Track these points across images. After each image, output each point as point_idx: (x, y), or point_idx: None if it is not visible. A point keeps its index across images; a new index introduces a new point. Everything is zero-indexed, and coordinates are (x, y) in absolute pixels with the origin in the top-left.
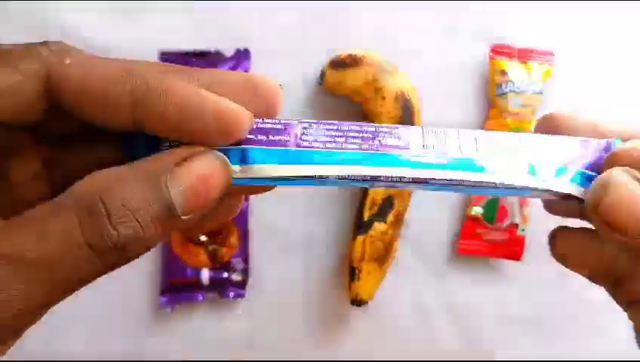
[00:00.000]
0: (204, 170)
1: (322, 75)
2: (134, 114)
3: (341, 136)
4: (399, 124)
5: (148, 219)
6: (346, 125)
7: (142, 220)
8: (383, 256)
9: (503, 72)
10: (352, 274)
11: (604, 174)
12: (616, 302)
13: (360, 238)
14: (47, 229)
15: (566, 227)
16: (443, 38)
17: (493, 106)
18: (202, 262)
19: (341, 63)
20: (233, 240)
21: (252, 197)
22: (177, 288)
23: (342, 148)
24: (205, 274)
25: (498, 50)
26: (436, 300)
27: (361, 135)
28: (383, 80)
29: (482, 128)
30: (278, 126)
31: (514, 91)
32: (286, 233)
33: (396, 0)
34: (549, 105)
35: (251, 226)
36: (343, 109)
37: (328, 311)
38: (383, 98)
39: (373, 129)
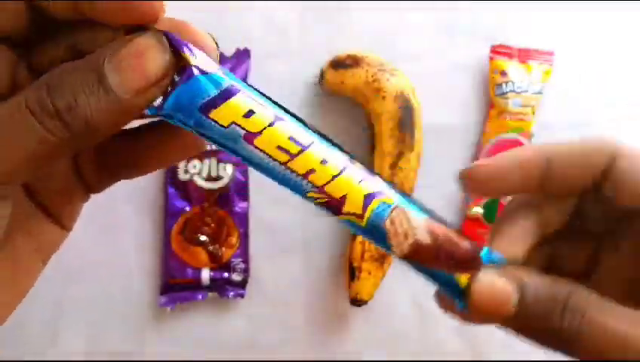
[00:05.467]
0: (138, 47)
1: (322, 75)
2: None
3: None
4: (399, 124)
5: (82, 93)
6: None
7: (77, 93)
8: (383, 256)
9: (503, 72)
10: (352, 274)
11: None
12: None
13: (360, 238)
14: (9, 100)
15: None
16: (443, 38)
17: (493, 106)
18: (202, 262)
19: (341, 63)
20: (233, 240)
21: (252, 197)
22: (177, 288)
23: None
24: (205, 274)
25: (498, 50)
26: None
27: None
28: (383, 80)
29: (482, 128)
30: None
31: (514, 91)
32: (286, 233)
33: (396, 0)
34: (549, 105)
35: (251, 226)
36: (343, 109)
37: (328, 311)
38: (383, 98)
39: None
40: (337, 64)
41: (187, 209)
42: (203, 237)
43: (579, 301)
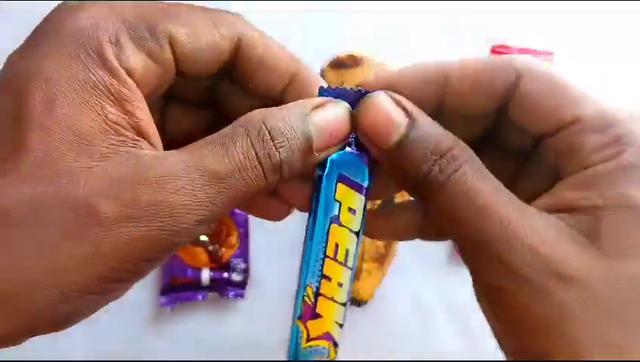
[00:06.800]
0: (335, 115)
1: (322, 75)
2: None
3: None
4: None
5: (295, 146)
6: None
7: (292, 146)
8: (383, 256)
9: None
10: None
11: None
12: None
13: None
14: (230, 149)
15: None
16: (443, 38)
17: None
18: (202, 262)
19: (341, 63)
20: (233, 240)
21: None
22: (177, 288)
23: None
24: (205, 274)
25: (498, 50)
26: (436, 300)
27: None
28: None
29: None
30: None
31: None
32: (286, 233)
33: (396, 0)
34: None
35: (251, 226)
36: None
37: None
38: None
39: None
40: (337, 64)
41: None
42: (203, 237)
43: (460, 155)
